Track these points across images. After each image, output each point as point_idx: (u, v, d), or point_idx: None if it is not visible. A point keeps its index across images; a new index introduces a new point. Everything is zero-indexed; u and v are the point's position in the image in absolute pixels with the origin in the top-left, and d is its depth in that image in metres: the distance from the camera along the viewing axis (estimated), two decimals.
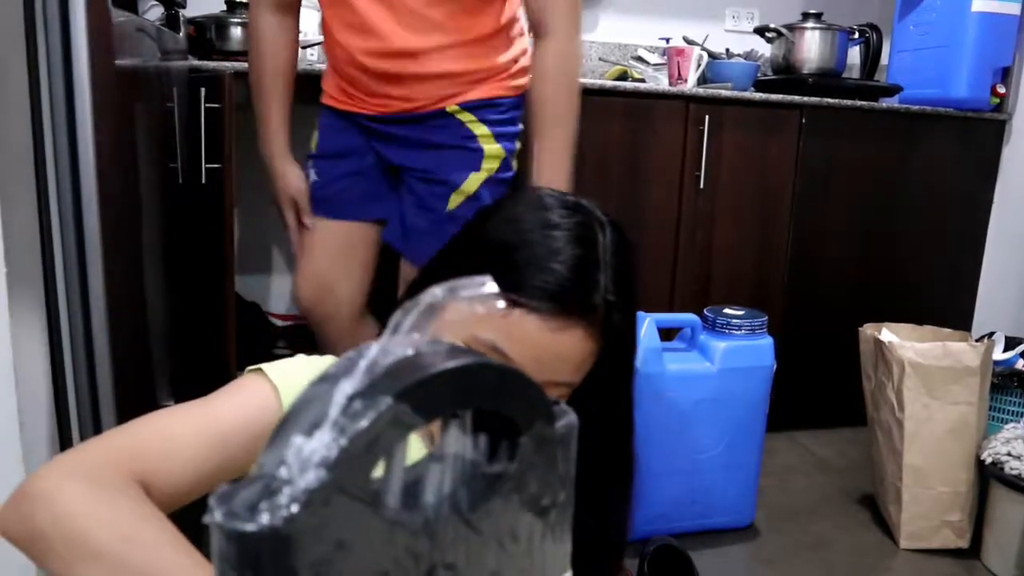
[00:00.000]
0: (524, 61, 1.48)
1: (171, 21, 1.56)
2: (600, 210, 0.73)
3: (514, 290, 0.66)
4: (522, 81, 1.47)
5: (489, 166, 1.45)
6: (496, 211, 0.76)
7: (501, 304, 0.66)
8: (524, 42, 1.50)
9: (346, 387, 0.33)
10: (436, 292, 0.41)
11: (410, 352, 0.36)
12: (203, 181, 1.66)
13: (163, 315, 1.42)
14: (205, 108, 1.65)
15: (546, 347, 0.67)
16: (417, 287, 0.74)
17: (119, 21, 1.07)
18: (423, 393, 0.34)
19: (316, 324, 1.60)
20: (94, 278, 0.95)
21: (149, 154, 1.27)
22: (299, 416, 0.34)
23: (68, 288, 0.93)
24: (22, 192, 0.87)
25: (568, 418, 0.41)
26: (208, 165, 1.66)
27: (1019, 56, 2.35)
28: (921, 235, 2.37)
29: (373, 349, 0.36)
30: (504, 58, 1.45)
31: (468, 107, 1.44)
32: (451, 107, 1.43)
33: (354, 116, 1.48)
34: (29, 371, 0.87)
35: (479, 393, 0.37)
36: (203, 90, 1.65)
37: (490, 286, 0.59)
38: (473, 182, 1.44)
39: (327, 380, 0.34)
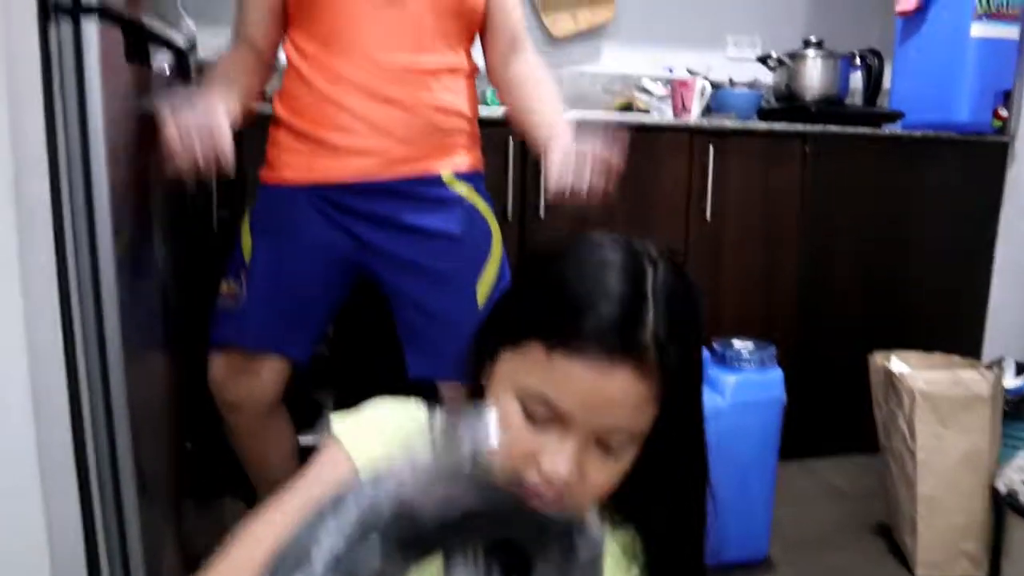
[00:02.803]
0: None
1: (181, 67, 1.57)
2: (654, 247, 0.69)
3: (557, 334, 0.62)
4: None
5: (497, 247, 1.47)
6: (541, 254, 0.72)
7: (542, 353, 0.63)
8: None
9: (333, 539, 0.36)
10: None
11: (405, 491, 0.39)
12: (215, 229, 1.67)
13: (178, 336, 1.42)
14: None
15: (595, 391, 0.61)
16: (479, 339, 0.72)
17: (132, 74, 1.08)
18: (411, 539, 0.38)
19: (226, 406, 1.46)
20: (110, 313, 0.96)
21: (163, 203, 1.29)
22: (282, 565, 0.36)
23: (85, 327, 0.94)
24: (40, 235, 0.88)
25: (593, 548, 0.41)
26: (220, 212, 1.66)
27: (1020, 79, 2.37)
28: (927, 260, 2.37)
29: (365, 488, 0.38)
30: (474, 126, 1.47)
31: (463, 177, 1.42)
32: (446, 174, 1.40)
33: (316, 192, 1.37)
34: (47, 394, 0.88)
35: (473, 529, 0.39)
36: None
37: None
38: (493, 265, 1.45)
39: (313, 526, 0.37)
